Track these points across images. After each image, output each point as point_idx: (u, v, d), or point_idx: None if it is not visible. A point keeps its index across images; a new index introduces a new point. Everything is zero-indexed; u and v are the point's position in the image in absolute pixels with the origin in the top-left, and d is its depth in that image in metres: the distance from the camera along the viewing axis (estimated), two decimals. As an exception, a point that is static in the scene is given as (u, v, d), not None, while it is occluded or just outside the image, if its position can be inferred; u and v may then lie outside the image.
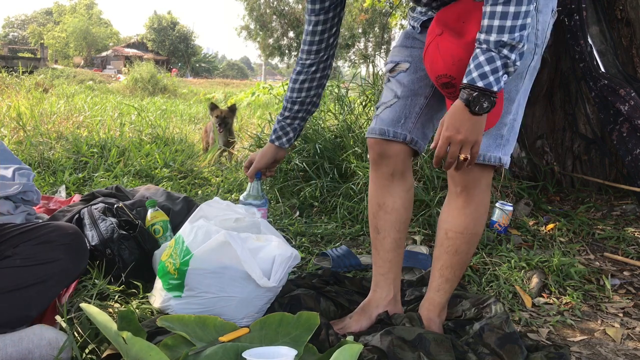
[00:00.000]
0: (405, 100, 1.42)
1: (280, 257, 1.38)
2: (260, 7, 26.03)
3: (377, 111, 1.48)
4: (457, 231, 1.36)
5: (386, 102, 1.45)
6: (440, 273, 1.40)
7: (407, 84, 1.43)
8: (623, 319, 1.63)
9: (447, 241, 1.38)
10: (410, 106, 1.42)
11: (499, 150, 1.29)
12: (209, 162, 3.58)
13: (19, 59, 19.65)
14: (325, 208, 2.58)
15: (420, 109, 1.43)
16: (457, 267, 1.38)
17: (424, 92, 1.43)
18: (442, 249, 1.39)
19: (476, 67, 1.12)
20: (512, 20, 1.09)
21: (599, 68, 2.97)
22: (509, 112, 1.27)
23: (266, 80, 30.87)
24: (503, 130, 1.28)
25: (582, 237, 2.43)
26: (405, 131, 1.41)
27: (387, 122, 1.42)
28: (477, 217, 1.36)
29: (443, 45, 1.21)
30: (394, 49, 1.51)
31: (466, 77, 1.13)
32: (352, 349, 1.05)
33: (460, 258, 1.38)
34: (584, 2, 2.96)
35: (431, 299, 1.41)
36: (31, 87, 7.98)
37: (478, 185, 1.33)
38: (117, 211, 1.69)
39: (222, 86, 21.60)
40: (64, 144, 3.45)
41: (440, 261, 1.40)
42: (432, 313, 1.40)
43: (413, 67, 1.43)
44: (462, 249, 1.37)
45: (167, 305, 1.35)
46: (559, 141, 3.36)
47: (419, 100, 1.43)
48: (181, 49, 42.83)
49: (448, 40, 1.21)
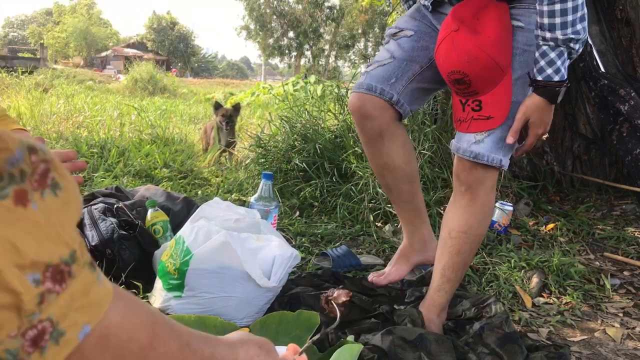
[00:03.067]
0: (401, 62, 1.41)
1: (281, 257, 1.38)
2: (260, 7, 26.03)
3: (368, 67, 1.46)
4: (460, 230, 1.35)
5: (380, 60, 1.43)
6: (442, 273, 1.39)
7: (407, 48, 1.42)
8: (623, 319, 1.63)
9: (450, 241, 1.37)
10: (404, 69, 1.41)
11: (501, 153, 1.30)
12: (209, 162, 3.58)
13: (18, 59, 19.66)
14: (325, 208, 2.58)
15: (413, 74, 1.42)
16: (459, 267, 1.38)
17: (421, 62, 1.42)
18: (445, 248, 1.38)
19: (549, 64, 1.19)
20: (572, 15, 1.16)
21: (599, 68, 2.97)
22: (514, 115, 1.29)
23: (266, 80, 30.88)
24: (506, 133, 1.29)
25: (582, 237, 2.43)
26: (393, 91, 1.40)
27: (377, 78, 1.41)
28: (481, 217, 1.35)
29: (458, 42, 1.22)
30: (402, 17, 1.49)
31: (540, 75, 1.20)
32: (352, 349, 1.05)
33: (462, 259, 1.37)
34: (584, 2, 2.96)
35: (432, 299, 1.41)
36: (31, 87, 7.99)
37: (482, 185, 1.33)
38: (117, 211, 1.69)
39: (222, 86, 21.59)
40: (64, 144, 3.45)
41: (442, 261, 1.39)
42: (432, 313, 1.40)
43: (416, 36, 1.42)
44: (464, 249, 1.36)
45: (167, 305, 1.35)
46: (559, 141, 3.36)
47: (413, 67, 1.42)
48: (181, 49, 42.84)
49: (463, 38, 1.22)
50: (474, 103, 1.28)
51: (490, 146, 1.28)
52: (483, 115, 1.27)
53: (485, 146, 1.28)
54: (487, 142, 1.28)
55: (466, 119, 1.31)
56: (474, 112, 1.28)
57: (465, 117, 1.31)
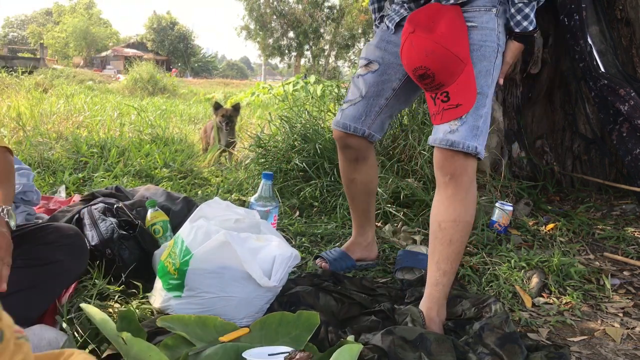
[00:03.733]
0: (368, 100, 1.66)
1: (281, 257, 1.38)
2: (260, 7, 26.02)
3: (343, 105, 1.72)
4: (450, 220, 1.42)
5: (352, 99, 1.69)
6: (437, 267, 1.43)
7: (372, 84, 1.65)
8: (623, 319, 1.63)
9: (440, 233, 1.43)
10: (371, 106, 1.66)
11: (475, 140, 1.38)
12: (208, 162, 3.58)
13: (18, 59, 19.65)
14: (325, 208, 2.58)
15: (379, 108, 1.67)
16: (453, 257, 1.43)
17: (385, 94, 1.66)
18: (437, 241, 1.44)
19: (524, 17, 1.43)
20: None
21: (599, 68, 2.97)
22: (484, 105, 1.40)
23: (266, 80, 30.87)
24: (479, 122, 1.39)
25: (582, 237, 2.43)
26: (364, 127, 1.67)
27: (350, 117, 1.68)
28: (467, 204, 1.43)
29: (416, 42, 1.38)
30: (370, 46, 1.69)
31: (518, 27, 1.44)
32: (352, 349, 1.05)
33: (455, 248, 1.42)
34: (584, 2, 2.96)
35: (430, 295, 1.44)
36: (31, 87, 7.99)
37: (465, 173, 1.41)
38: (117, 211, 1.69)
39: (221, 86, 21.59)
40: (63, 144, 3.45)
41: (436, 255, 1.44)
42: (432, 311, 1.41)
43: (381, 69, 1.65)
44: (455, 238, 1.42)
45: (167, 305, 1.35)
46: (559, 141, 3.36)
47: (379, 101, 1.66)
48: (181, 49, 42.82)
49: (420, 36, 1.38)
50: (442, 95, 1.41)
51: (465, 134, 1.38)
52: (452, 104, 1.40)
53: (460, 134, 1.38)
54: (461, 131, 1.38)
55: (438, 112, 1.43)
56: (444, 103, 1.41)
57: (437, 110, 1.43)
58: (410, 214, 2.41)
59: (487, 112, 1.42)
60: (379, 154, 2.77)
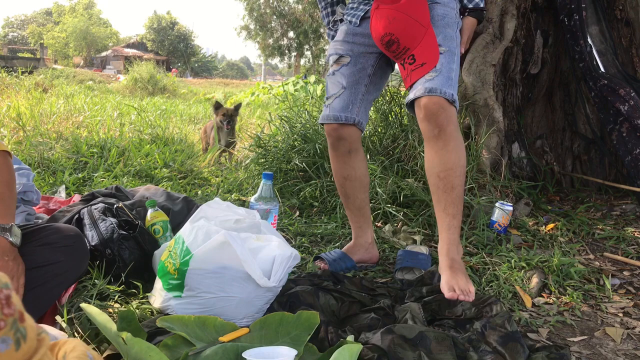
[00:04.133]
0: (350, 89, 1.75)
1: (280, 257, 1.38)
2: (260, 7, 26.02)
3: (327, 101, 1.79)
4: (447, 168, 1.55)
5: (335, 93, 1.76)
6: (445, 213, 1.58)
7: (349, 75, 1.75)
8: (623, 319, 1.63)
9: (441, 182, 1.57)
10: (354, 94, 1.75)
11: (451, 89, 1.54)
12: (208, 162, 3.58)
13: (18, 59, 19.65)
14: (325, 208, 2.58)
15: (362, 95, 1.77)
16: (458, 201, 1.57)
17: (363, 82, 1.77)
18: (439, 191, 1.58)
19: None
20: None
21: (599, 68, 2.97)
22: (454, 61, 1.60)
23: (266, 80, 30.88)
24: (452, 74, 1.57)
25: (582, 237, 2.43)
26: (353, 114, 1.74)
27: (339, 109, 1.75)
28: (459, 150, 1.57)
29: (380, 13, 1.56)
30: (336, 43, 1.81)
31: (471, 3, 1.72)
32: (351, 349, 1.05)
33: (458, 192, 1.57)
34: (584, 2, 2.96)
35: (446, 239, 1.59)
36: (31, 87, 7.98)
37: (451, 121, 1.54)
38: (117, 211, 1.69)
39: (221, 86, 21.58)
40: (63, 144, 3.45)
41: (442, 202, 1.58)
42: (452, 252, 1.57)
43: (353, 60, 1.76)
44: (456, 183, 1.56)
45: (167, 305, 1.35)
46: (559, 141, 3.36)
47: (360, 89, 1.76)
48: (180, 49, 42.81)
49: (383, 8, 1.56)
50: (409, 59, 1.57)
51: (441, 82, 1.52)
52: (417, 64, 1.56)
53: (437, 82, 1.52)
54: (437, 80, 1.53)
55: (407, 74, 1.59)
56: (411, 66, 1.57)
57: (406, 74, 1.59)
58: (410, 214, 2.41)
59: (456, 67, 1.60)
60: (379, 153, 2.77)
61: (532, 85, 3.25)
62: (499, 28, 2.86)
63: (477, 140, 2.66)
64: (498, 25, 2.86)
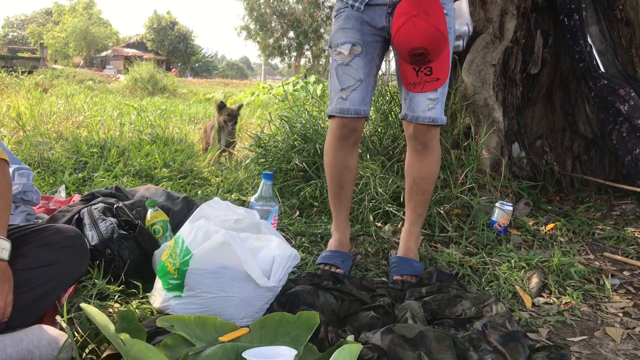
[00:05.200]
0: (365, 82, 1.76)
1: (280, 257, 1.38)
2: (260, 7, 26.01)
3: (342, 93, 1.75)
4: (423, 177, 1.83)
5: (351, 85, 1.75)
6: (413, 210, 1.88)
7: (363, 66, 1.75)
8: (623, 319, 1.63)
9: (415, 186, 1.84)
10: (368, 86, 1.77)
11: (444, 114, 1.73)
12: (208, 162, 3.58)
13: (18, 58, 19.64)
14: (325, 208, 2.58)
15: (373, 87, 1.82)
16: (425, 203, 1.89)
17: (372, 72, 1.79)
18: (412, 192, 1.86)
19: None
20: None
21: (599, 68, 2.97)
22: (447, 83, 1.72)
23: (266, 80, 30.87)
24: (444, 98, 1.73)
25: (582, 237, 2.43)
26: (366, 107, 1.78)
27: (357, 102, 1.75)
28: (436, 163, 1.83)
29: (420, 24, 1.55)
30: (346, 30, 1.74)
31: None
32: (351, 349, 1.05)
33: (427, 196, 1.87)
34: (584, 2, 2.96)
35: (408, 231, 1.90)
36: (31, 87, 7.97)
37: (435, 138, 1.78)
38: (117, 211, 1.69)
39: (221, 86, 21.58)
40: (63, 144, 3.44)
41: (412, 202, 1.88)
42: (410, 242, 1.88)
43: (364, 50, 1.74)
44: (428, 189, 1.85)
45: (167, 305, 1.35)
46: (559, 141, 3.36)
47: (371, 81, 1.79)
48: (180, 48, 42.79)
49: (423, 20, 1.55)
50: (426, 69, 1.64)
51: (439, 110, 1.71)
52: (433, 78, 1.65)
53: (436, 111, 1.69)
54: (437, 108, 1.69)
55: (420, 82, 1.67)
56: (427, 77, 1.65)
57: (419, 81, 1.67)
58: (410, 214, 2.40)
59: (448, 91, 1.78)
60: (379, 153, 2.77)
61: (532, 85, 3.25)
62: (499, 28, 2.87)
63: (477, 140, 2.66)
64: (498, 25, 2.86)
